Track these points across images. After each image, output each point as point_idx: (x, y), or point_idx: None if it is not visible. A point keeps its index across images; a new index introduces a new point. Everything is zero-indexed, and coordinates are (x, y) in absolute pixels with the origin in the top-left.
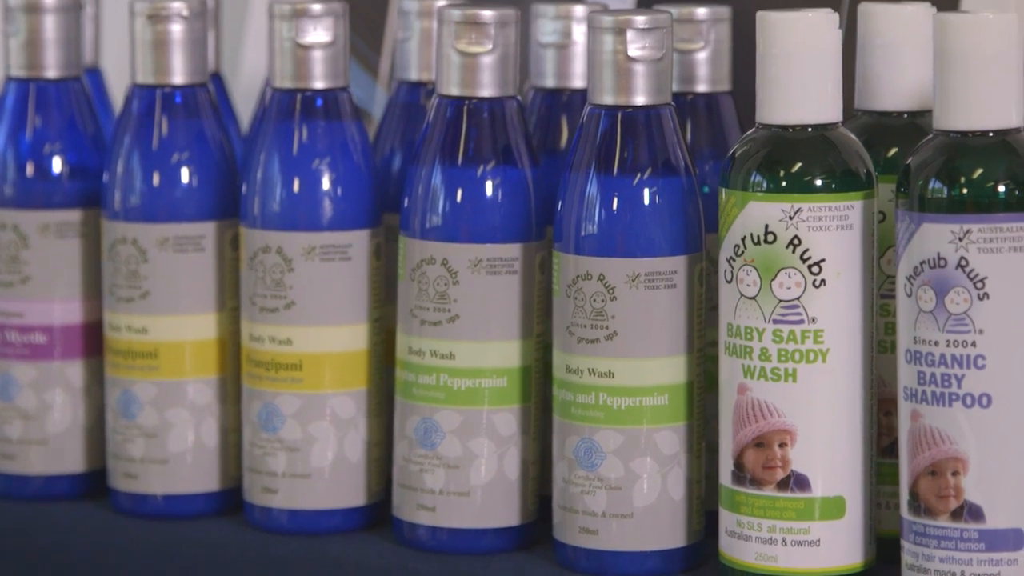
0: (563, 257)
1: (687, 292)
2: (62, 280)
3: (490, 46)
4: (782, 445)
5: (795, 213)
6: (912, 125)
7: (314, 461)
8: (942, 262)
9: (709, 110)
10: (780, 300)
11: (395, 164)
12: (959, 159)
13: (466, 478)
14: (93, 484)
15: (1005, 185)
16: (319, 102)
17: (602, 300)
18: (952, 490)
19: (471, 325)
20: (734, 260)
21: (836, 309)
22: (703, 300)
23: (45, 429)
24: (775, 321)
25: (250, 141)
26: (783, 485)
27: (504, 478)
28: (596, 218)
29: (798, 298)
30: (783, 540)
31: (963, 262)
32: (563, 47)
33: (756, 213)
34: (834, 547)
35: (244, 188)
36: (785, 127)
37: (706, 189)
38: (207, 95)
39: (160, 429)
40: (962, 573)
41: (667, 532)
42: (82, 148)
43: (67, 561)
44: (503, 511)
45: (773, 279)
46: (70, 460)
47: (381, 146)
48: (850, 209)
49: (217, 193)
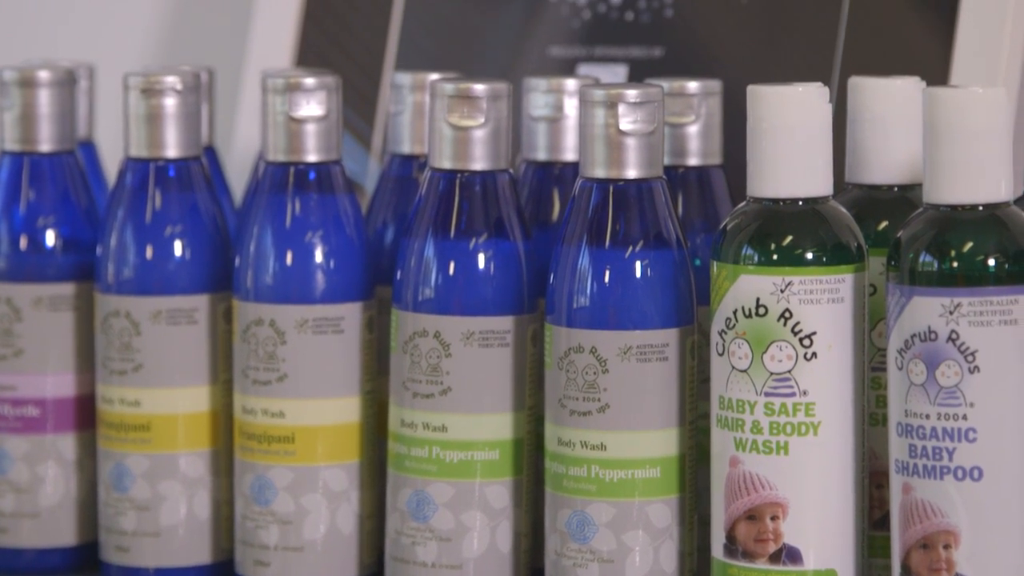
0: (555, 330)
1: (679, 365)
2: (55, 353)
3: (482, 120)
4: (774, 518)
5: (786, 286)
6: (902, 199)
7: (307, 534)
8: (933, 335)
9: (700, 183)
10: (772, 373)
11: (388, 237)
12: (949, 233)
13: (458, 551)
14: (85, 557)
15: (995, 259)
16: (312, 175)
17: (594, 373)
18: (944, 563)
19: (463, 398)
20: (726, 333)
21: (827, 382)
22: (695, 373)
23: (37, 502)
24: (767, 394)
25: (243, 214)
26: (775, 558)
27: (496, 551)
28: (588, 291)
29: (790, 371)
30: None
31: (954, 335)
32: (555, 120)
33: (747, 286)
34: None
35: (237, 261)
36: (776, 200)
37: (698, 262)
38: (200, 168)
39: (152, 502)
40: None
41: None
42: (75, 221)
43: None
44: None
45: (764, 352)
46: (62, 533)
47: (374, 219)
48: (841, 282)
49: (210, 266)
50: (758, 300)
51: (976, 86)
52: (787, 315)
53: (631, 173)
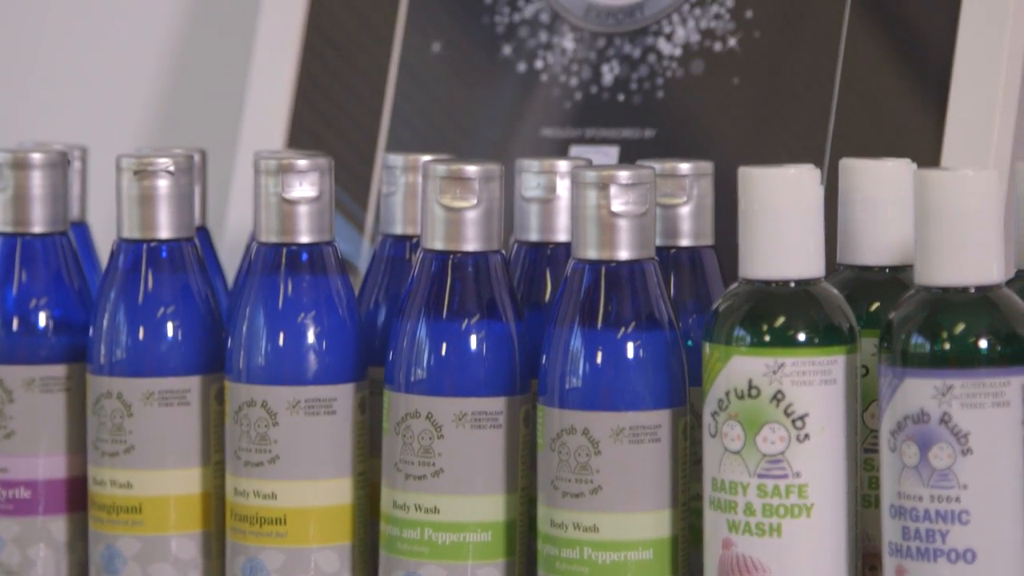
0: (547, 411)
1: (671, 446)
2: (47, 435)
3: (474, 201)
4: None
5: (778, 368)
6: (894, 280)
7: None
8: (925, 417)
9: (692, 264)
10: (764, 455)
11: (380, 318)
12: (941, 315)
13: None
14: None
15: (987, 341)
16: (304, 256)
17: (586, 454)
18: None
19: (455, 479)
20: (718, 414)
21: (820, 464)
22: (687, 454)
23: None
24: (760, 476)
25: (235, 295)
26: None
27: None
28: (580, 372)
29: (782, 453)
30: None
31: (946, 417)
32: (547, 201)
33: (740, 367)
34: None
35: (229, 342)
36: (768, 282)
37: (690, 343)
38: (193, 249)
39: None
40: None
41: None
42: (68, 303)
43: None
44: None
45: (757, 433)
46: None
47: (366, 300)
48: (833, 364)
49: (202, 347)
50: (750, 382)
51: (967, 168)
52: (780, 396)
53: (623, 254)
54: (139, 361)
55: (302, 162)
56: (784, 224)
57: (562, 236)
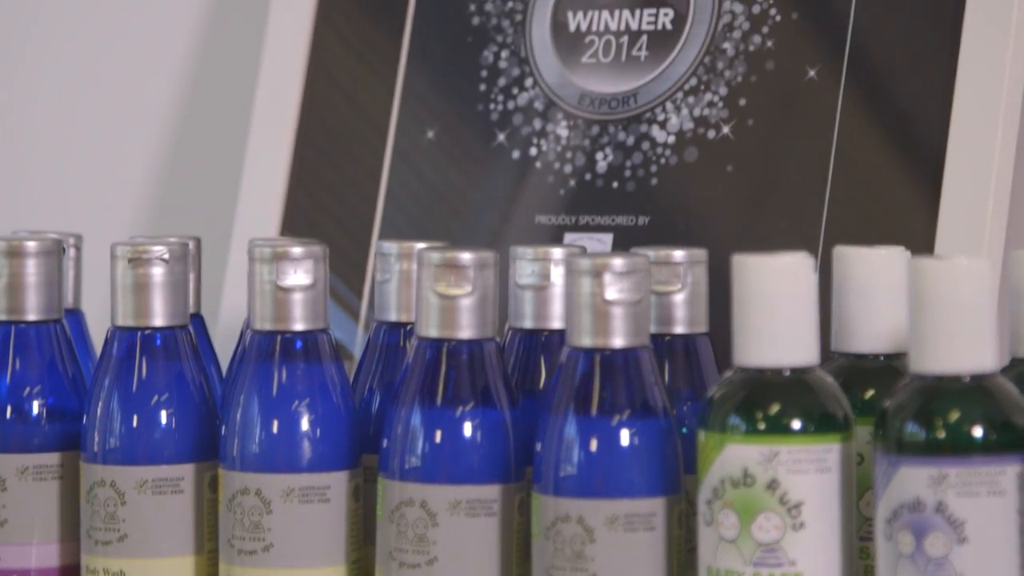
0: (542, 499)
1: (666, 534)
2: (40, 523)
3: (469, 288)
4: None
5: (774, 456)
6: (889, 368)
7: None
8: (920, 506)
9: (687, 352)
10: (760, 543)
11: (375, 405)
12: (936, 403)
13: None
14: None
15: (982, 429)
16: (299, 344)
17: (581, 542)
18: None
19: (450, 568)
20: (713, 502)
21: (816, 552)
22: (682, 542)
23: None
24: (755, 564)
25: (229, 382)
26: None
27: None
28: (575, 459)
29: (778, 541)
30: None
31: (941, 506)
32: (541, 289)
33: (734, 456)
34: None
35: (223, 429)
36: (762, 370)
37: (684, 430)
38: (187, 337)
39: None
40: None
41: None
42: (61, 391)
43: None
44: None
45: (752, 522)
46: None
47: (361, 387)
48: (828, 452)
49: (196, 435)
50: (745, 470)
51: (961, 256)
52: (775, 485)
53: (617, 342)
54: (133, 449)
55: (297, 250)
56: (778, 312)
57: (556, 323)
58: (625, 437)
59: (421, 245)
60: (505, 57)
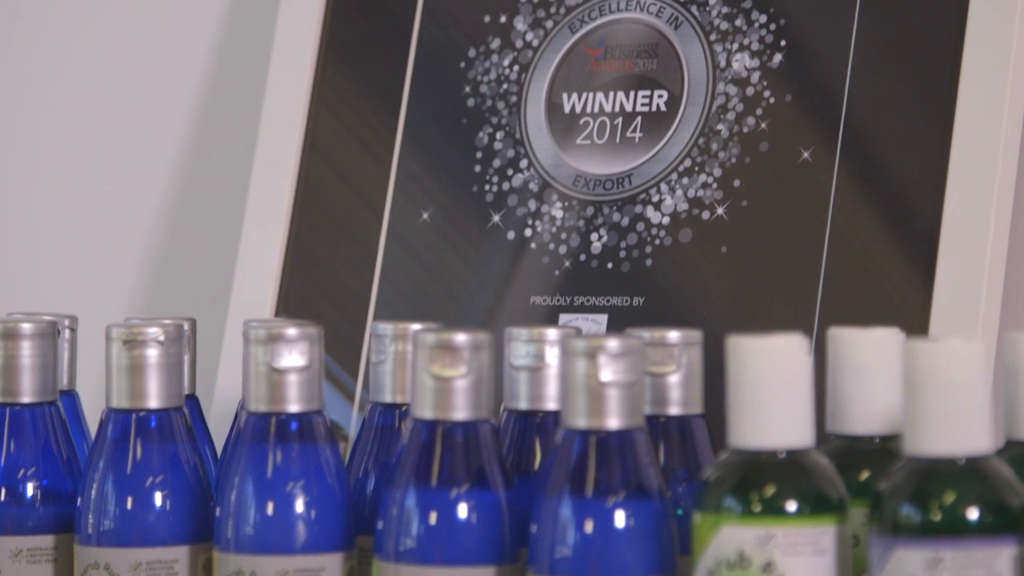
0: None
1: None
2: None
3: (464, 370)
4: None
5: (769, 538)
6: (884, 449)
7: None
8: None
9: (682, 433)
10: None
11: (370, 486)
12: (931, 485)
13: None
14: None
15: (977, 511)
16: (293, 426)
17: None
18: None
19: None
20: None
21: None
22: None
23: None
24: None
25: (224, 464)
26: None
27: None
28: (570, 541)
29: None
30: None
31: None
32: (536, 370)
33: (729, 537)
34: None
35: (218, 511)
36: (757, 452)
37: (680, 512)
38: (182, 419)
39: None
40: None
41: None
42: (56, 473)
43: None
44: None
45: None
46: None
47: (355, 468)
48: (823, 534)
49: (191, 517)
50: (741, 552)
51: (955, 339)
52: (770, 567)
53: (612, 423)
54: (127, 531)
55: (291, 332)
56: (773, 393)
57: (551, 405)
58: (620, 519)
59: (416, 326)
60: (500, 138)
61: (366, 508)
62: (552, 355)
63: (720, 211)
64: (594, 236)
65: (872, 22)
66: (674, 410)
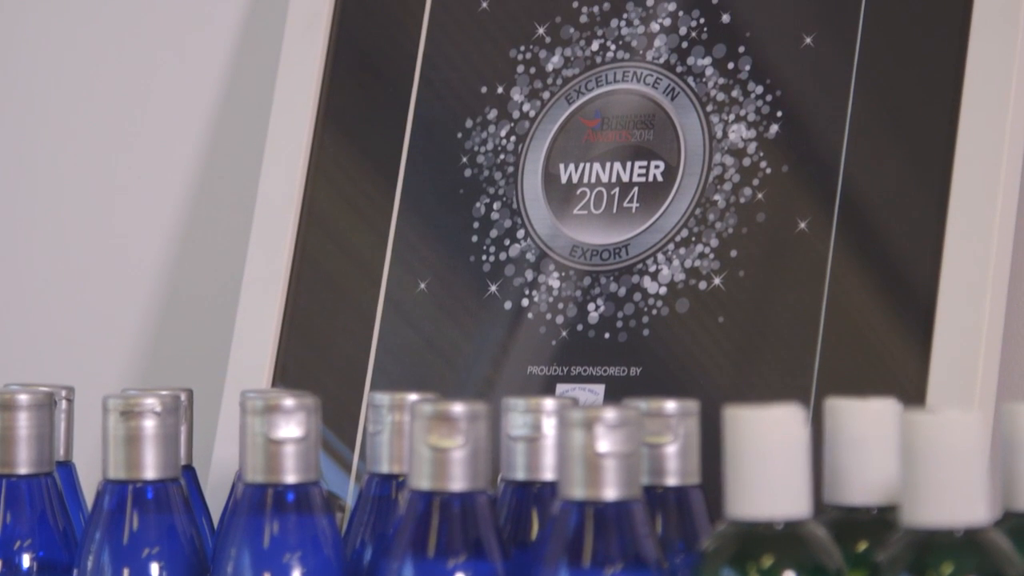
0: None
1: None
2: None
3: (461, 440)
4: None
5: None
6: (881, 520)
7: None
8: None
9: (679, 503)
10: None
11: (366, 557)
12: (928, 556)
13: None
14: None
15: None
16: (290, 496)
17: None
18: None
19: None
20: None
21: None
22: None
23: None
24: None
25: (221, 535)
26: None
27: None
28: None
29: None
30: None
31: None
32: (533, 440)
33: None
34: None
35: None
36: (755, 523)
37: None
38: (179, 490)
39: None
40: None
41: None
42: (52, 544)
43: None
44: None
45: None
46: None
47: (352, 539)
48: None
49: None
50: None
51: (952, 410)
52: None
53: (610, 494)
54: None
55: (289, 402)
56: (770, 464)
57: (549, 475)
58: None
59: (413, 397)
60: (497, 208)
61: None
62: (549, 425)
63: (717, 281)
64: (591, 306)
65: (868, 93)
66: (671, 480)
